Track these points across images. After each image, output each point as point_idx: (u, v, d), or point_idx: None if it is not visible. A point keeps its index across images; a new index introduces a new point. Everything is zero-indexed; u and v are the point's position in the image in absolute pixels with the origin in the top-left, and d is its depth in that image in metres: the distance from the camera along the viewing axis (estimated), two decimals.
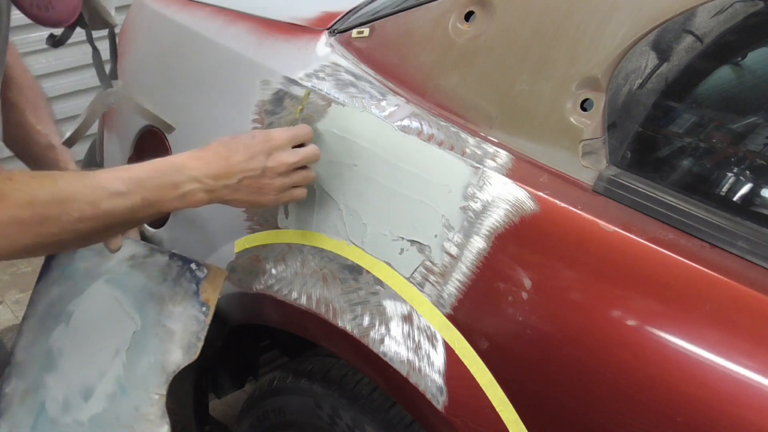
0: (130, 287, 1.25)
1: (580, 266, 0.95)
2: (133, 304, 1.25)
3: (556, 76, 1.03)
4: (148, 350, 1.21)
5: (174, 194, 1.03)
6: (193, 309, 1.21)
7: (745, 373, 0.82)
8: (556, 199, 0.98)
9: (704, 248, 0.91)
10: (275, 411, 1.40)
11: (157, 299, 1.23)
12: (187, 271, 1.23)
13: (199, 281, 1.22)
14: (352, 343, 1.13)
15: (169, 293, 1.23)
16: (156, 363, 1.20)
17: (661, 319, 0.88)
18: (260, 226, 1.28)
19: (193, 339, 1.19)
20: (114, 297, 1.26)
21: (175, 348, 1.20)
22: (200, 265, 1.23)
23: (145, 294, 1.24)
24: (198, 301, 1.21)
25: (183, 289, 1.22)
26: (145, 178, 1.02)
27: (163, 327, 1.21)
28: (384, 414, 1.23)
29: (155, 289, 1.24)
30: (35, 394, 1.27)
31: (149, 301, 1.24)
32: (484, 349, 1.01)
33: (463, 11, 1.14)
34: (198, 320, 1.20)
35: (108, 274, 1.27)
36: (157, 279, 1.24)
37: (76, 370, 1.25)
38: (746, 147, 0.98)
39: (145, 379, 1.20)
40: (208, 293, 1.21)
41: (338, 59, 1.27)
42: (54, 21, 1.07)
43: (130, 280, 1.26)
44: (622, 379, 0.89)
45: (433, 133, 1.11)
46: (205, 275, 1.22)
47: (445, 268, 1.05)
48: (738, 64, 1.05)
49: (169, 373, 1.19)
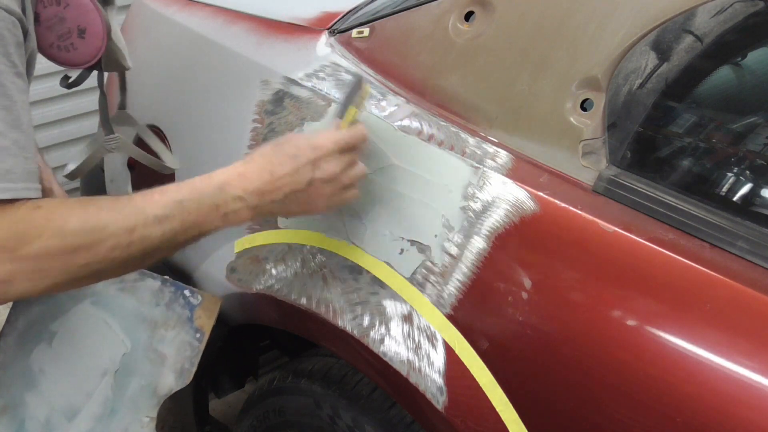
0: (119, 310, 1.25)
1: (580, 266, 0.95)
2: (123, 326, 1.24)
3: (556, 76, 1.03)
4: (139, 373, 1.21)
5: (216, 215, 0.97)
6: (186, 335, 1.21)
7: (745, 373, 0.82)
8: (556, 199, 0.98)
9: (704, 248, 0.91)
10: (275, 411, 1.40)
11: (149, 323, 1.23)
12: (180, 297, 1.23)
13: (193, 308, 1.22)
14: (352, 343, 1.13)
15: (162, 318, 1.23)
16: (147, 386, 1.20)
17: (661, 319, 0.88)
18: (260, 226, 1.28)
19: (187, 364, 1.20)
20: (102, 319, 1.25)
21: (168, 372, 1.20)
22: (194, 292, 1.24)
23: (135, 317, 1.24)
24: (192, 327, 1.22)
25: (176, 315, 1.23)
26: (185, 200, 0.96)
27: (155, 351, 1.22)
28: (384, 414, 1.23)
29: (147, 313, 1.24)
30: (14, 412, 1.26)
31: (140, 325, 1.24)
32: (484, 349, 1.01)
33: (463, 11, 1.14)
34: (192, 346, 1.21)
35: (94, 296, 1.26)
36: (149, 303, 1.24)
37: (60, 390, 1.24)
38: (746, 147, 0.98)
39: (135, 402, 1.20)
40: (202, 320, 1.22)
41: (338, 59, 1.27)
42: (74, 62, 1.05)
43: (118, 302, 1.25)
44: (622, 379, 0.89)
45: (433, 132, 1.11)
46: (200, 302, 1.23)
47: (445, 268, 1.05)
48: (738, 64, 1.05)
49: (160, 396, 1.19)
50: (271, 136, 1.26)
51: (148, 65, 1.55)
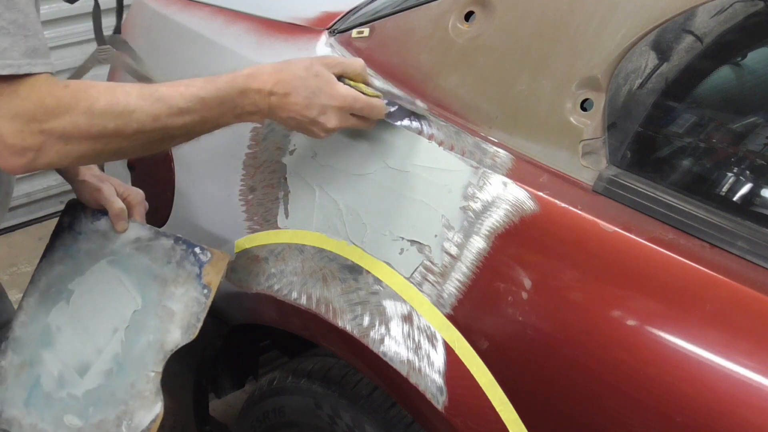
0: (133, 268, 1.27)
1: (580, 266, 0.95)
2: (136, 284, 1.27)
3: (556, 76, 1.03)
4: (148, 329, 1.23)
5: (232, 114, 1.06)
6: (194, 291, 1.22)
7: (745, 373, 0.82)
8: (556, 199, 0.98)
9: (704, 248, 0.91)
10: (275, 411, 1.40)
11: (160, 280, 1.25)
12: (191, 255, 1.24)
13: (202, 264, 1.23)
14: (352, 343, 1.13)
15: (172, 275, 1.25)
16: (155, 342, 1.22)
17: (661, 319, 0.88)
18: (260, 226, 1.28)
19: (193, 320, 1.21)
20: (116, 277, 1.28)
21: (175, 328, 1.22)
22: (204, 249, 1.24)
23: (147, 275, 1.26)
24: (200, 283, 1.23)
25: (186, 272, 1.24)
26: (207, 98, 1.03)
27: (164, 307, 1.23)
28: (384, 414, 1.23)
29: (158, 271, 1.26)
30: (30, 369, 1.30)
31: (152, 282, 1.26)
32: (484, 349, 1.01)
33: (463, 11, 1.14)
34: (199, 302, 1.22)
35: (112, 256, 1.29)
36: (161, 261, 1.26)
37: (73, 346, 1.28)
38: (746, 147, 0.98)
39: (142, 357, 1.23)
40: (210, 276, 1.22)
41: None
42: None
43: (133, 261, 1.28)
44: (622, 379, 0.89)
45: (433, 132, 1.11)
46: (209, 259, 1.24)
47: (445, 268, 1.05)
48: (738, 64, 1.05)
49: (166, 351, 1.22)
50: (270, 136, 1.26)
51: (147, 65, 1.55)
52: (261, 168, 1.27)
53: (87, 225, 1.32)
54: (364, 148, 1.15)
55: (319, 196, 1.19)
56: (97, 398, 1.25)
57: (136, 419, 1.22)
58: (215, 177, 1.36)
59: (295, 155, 1.23)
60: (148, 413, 1.22)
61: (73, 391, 1.27)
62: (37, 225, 3.11)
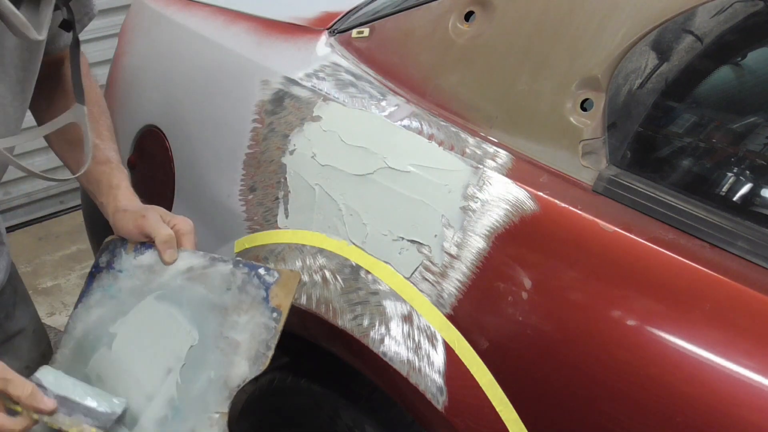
0: (187, 301, 1.13)
1: (580, 266, 0.95)
2: (190, 318, 1.12)
3: (556, 76, 1.03)
4: (208, 365, 1.09)
5: None
6: (262, 317, 1.09)
7: (745, 372, 0.82)
8: (556, 199, 0.98)
9: (704, 248, 0.91)
10: (275, 411, 1.40)
11: (219, 310, 1.11)
12: (254, 277, 1.11)
13: (269, 286, 1.10)
14: (352, 343, 1.13)
15: (233, 302, 1.11)
16: (217, 378, 1.08)
17: (661, 319, 0.88)
18: (260, 226, 1.28)
19: (262, 348, 1.07)
20: (167, 312, 1.13)
21: (240, 360, 1.08)
22: (270, 269, 1.12)
23: (204, 306, 1.12)
24: (268, 307, 1.09)
25: (250, 297, 1.11)
26: None
27: (226, 339, 1.09)
28: (384, 414, 1.23)
29: (216, 300, 1.12)
30: None
31: (209, 314, 1.11)
32: (484, 349, 1.01)
33: (463, 11, 1.14)
34: (268, 328, 1.08)
35: (160, 290, 1.15)
36: (220, 289, 1.12)
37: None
38: (746, 147, 0.98)
39: (203, 398, 1.08)
40: (279, 298, 1.09)
41: (338, 59, 1.27)
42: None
43: (186, 293, 1.13)
44: (622, 379, 0.89)
45: (433, 132, 1.11)
46: (276, 279, 1.10)
47: (445, 268, 1.05)
48: (738, 64, 1.05)
49: (232, 388, 1.07)
50: (271, 136, 1.26)
51: (147, 65, 1.55)
52: (261, 168, 1.27)
53: (129, 261, 1.17)
54: (364, 148, 1.15)
55: (319, 196, 1.19)
56: None
57: None
58: (215, 177, 1.36)
59: (295, 155, 1.23)
60: None
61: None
62: (37, 225, 3.11)
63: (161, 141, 1.47)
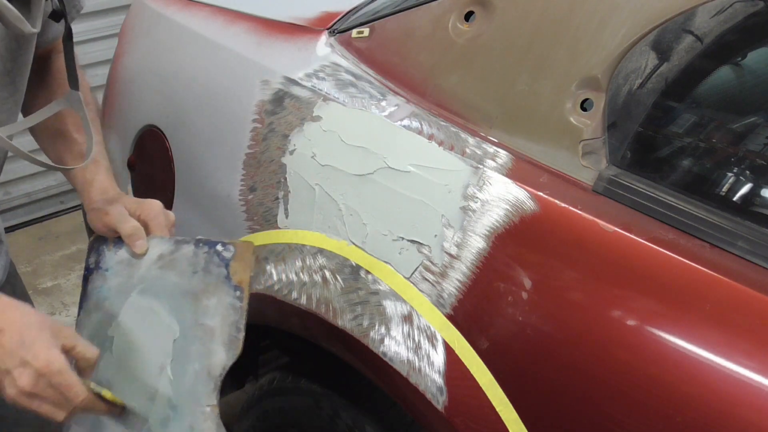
0: (163, 291, 1.10)
1: (580, 266, 0.95)
2: (169, 309, 1.09)
3: (556, 76, 1.03)
4: (192, 357, 1.06)
5: None
6: (227, 296, 1.05)
7: (745, 373, 0.82)
8: (556, 199, 0.98)
9: (704, 248, 0.91)
10: (275, 411, 1.40)
11: (191, 296, 1.07)
12: (214, 256, 1.07)
13: (227, 263, 1.05)
14: (352, 343, 1.13)
15: (201, 286, 1.07)
16: (201, 370, 1.04)
17: (661, 319, 0.88)
18: (260, 226, 1.28)
19: (233, 331, 1.03)
20: (149, 307, 1.11)
21: (218, 347, 1.04)
22: (226, 244, 1.07)
23: (177, 295, 1.09)
24: (231, 285, 1.05)
25: (214, 277, 1.07)
26: None
27: (202, 326, 1.06)
28: (384, 414, 1.23)
29: (187, 286, 1.08)
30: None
31: (183, 302, 1.08)
32: (484, 349, 1.01)
33: (463, 11, 1.14)
34: (235, 308, 1.04)
35: (141, 284, 1.12)
36: (187, 274, 1.08)
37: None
38: (746, 147, 0.98)
39: (194, 392, 1.05)
40: (239, 274, 1.05)
41: (338, 59, 1.27)
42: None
43: (161, 283, 1.10)
44: (622, 379, 0.89)
45: (433, 132, 1.11)
46: (233, 254, 1.06)
47: (445, 268, 1.05)
48: (738, 64, 1.05)
49: (215, 377, 1.04)
50: (271, 136, 1.26)
51: (147, 65, 1.55)
52: (261, 168, 1.27)
53: (112, 258, 1.15)
54: (364, 148, 1.15)
55: (319, 196, 1.19)
56: None
57: None
58: (215, 177, 1.36)
59: (295, 155, 1.23)
60: None
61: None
62: (37, 225, 3.12)
63: (161, 141, 1.47)
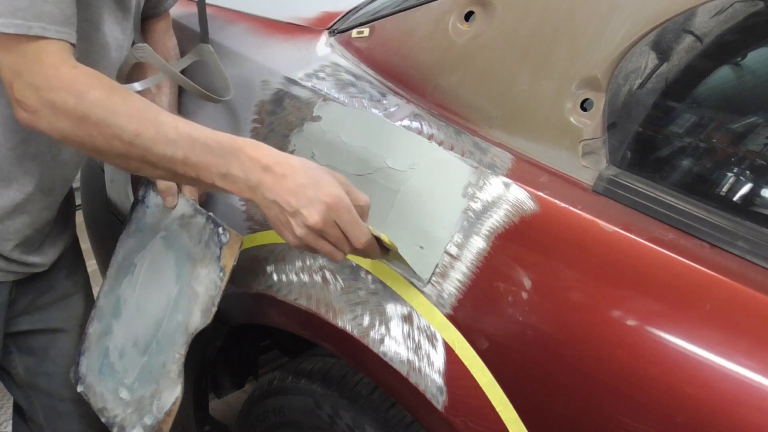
0: (177, 246, 1.27)
1: (580, 266, 0.95)
2: (177, 262, 1.26)
3: (556, 76, 1.03)
4: (180, 310, 1.23)
5: (216, 169, 0.97)
6: (213, 273, 1.20)
7: (745, 372, 0.82)
8: (556, 199, 0.98)
9: (704, 248, 0.91)
10: (275, 411, 1.40)
11: (192, 260, 1.23)
12: (215, 235, 1.21)
13: (222, 246, 1.20)
14: (352, 343, 1.13)
15: (200, 255, 1.22)
16: (183, 323, 1.22)
17: (661, 319, 0.88)
18: (260, 226, 1.28)
19: (210, 303, 1.19)
20: (165, 253, 1.29)
21: (197, 310, 1.20)
22: (225, 230, 1.20)
23: (185, 254, 1.25)
24: (218, 266, 1.19)
25: (210, 252, 1.21)
26: (197, 139, 0.97)
27: (191, 288, 1.22)
28: (384, 414, 1.23)
29: (192, 250, 1.24)
30: (104, 339, 1.35)
31: (186, 262, 1.24)
32: (484, 349, 1.01)
33: (463, 11, 1.14)
34: (216, 285, 1.19)
35: (164, 231, 1.29)
36: (195, 240, 1.24)
37: (132, 320, 1.30)
38: (746, 147, 0.98)
39: (173, 338, 1.23)
40: (227, 259, 1.19)
41: (338, 59, 1.27)
42: None
43: (177, 238, 1.27)
44: (622, 379, 0.89)
45: (433, 132, 1.11)
46: (227, 240, 1.20)
47: (445, 268, 1.05)
48: (738, 64, 1.05)
49: (189, 334, 1.20)
50: (271, 136, 1.26)
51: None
52: None
53: (154, 198, 1.32)
54: (364, 148, 1.15)
55: None
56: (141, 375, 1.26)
57: (163, 399, 1.23)
58: None
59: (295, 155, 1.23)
60: (171, 395, 1.22)
61: (127, 365, 1.30)
62: None
63: None
